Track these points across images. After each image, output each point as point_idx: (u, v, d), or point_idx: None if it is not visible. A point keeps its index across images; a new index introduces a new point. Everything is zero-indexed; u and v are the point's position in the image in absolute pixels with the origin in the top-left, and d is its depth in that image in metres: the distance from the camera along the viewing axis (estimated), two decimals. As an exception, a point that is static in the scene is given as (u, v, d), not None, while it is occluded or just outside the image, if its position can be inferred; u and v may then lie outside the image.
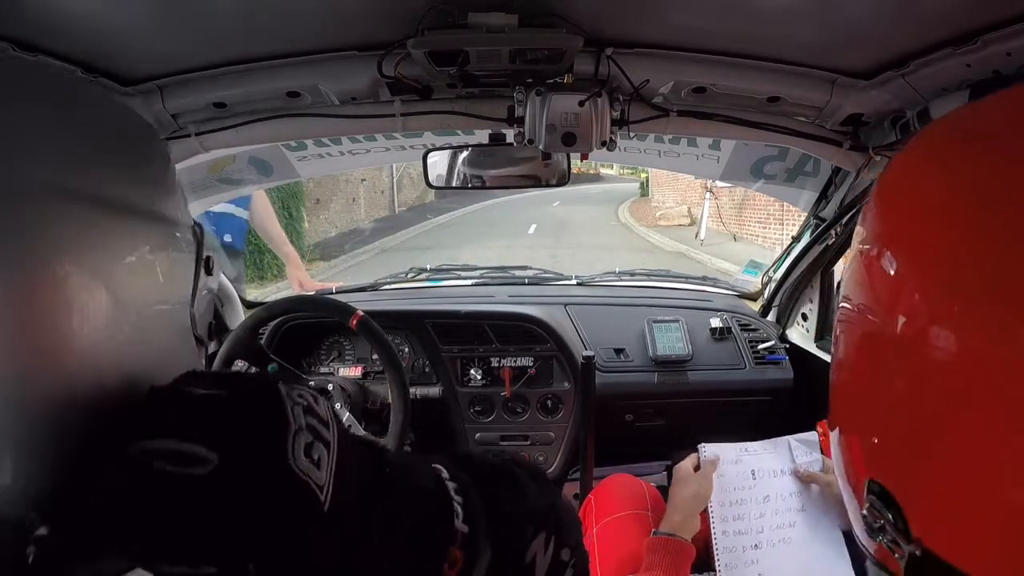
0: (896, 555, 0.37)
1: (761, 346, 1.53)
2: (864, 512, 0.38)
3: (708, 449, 1.01)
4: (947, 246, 0.35)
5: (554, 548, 0.40)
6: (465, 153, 1.19)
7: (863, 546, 0.43)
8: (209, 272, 0.45)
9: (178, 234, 0.41)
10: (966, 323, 0.33)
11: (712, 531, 0.93)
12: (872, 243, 0.41)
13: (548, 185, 1.18)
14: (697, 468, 1.00)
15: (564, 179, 1.16)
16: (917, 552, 0.35)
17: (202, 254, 0.44)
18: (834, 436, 0.48)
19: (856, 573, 0.86)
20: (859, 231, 0.44)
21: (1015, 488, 0.31)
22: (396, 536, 0.33)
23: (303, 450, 0.29)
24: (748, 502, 0.94)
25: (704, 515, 0.96)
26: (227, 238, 2.12)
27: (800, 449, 0.99)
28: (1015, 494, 0.31)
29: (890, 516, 0.36)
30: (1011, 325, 0.31)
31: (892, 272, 0.38)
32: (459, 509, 0.37)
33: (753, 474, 0.98)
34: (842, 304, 0.45)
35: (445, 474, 0.38)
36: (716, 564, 0.89)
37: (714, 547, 0.91)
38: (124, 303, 0.34)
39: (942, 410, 0.34)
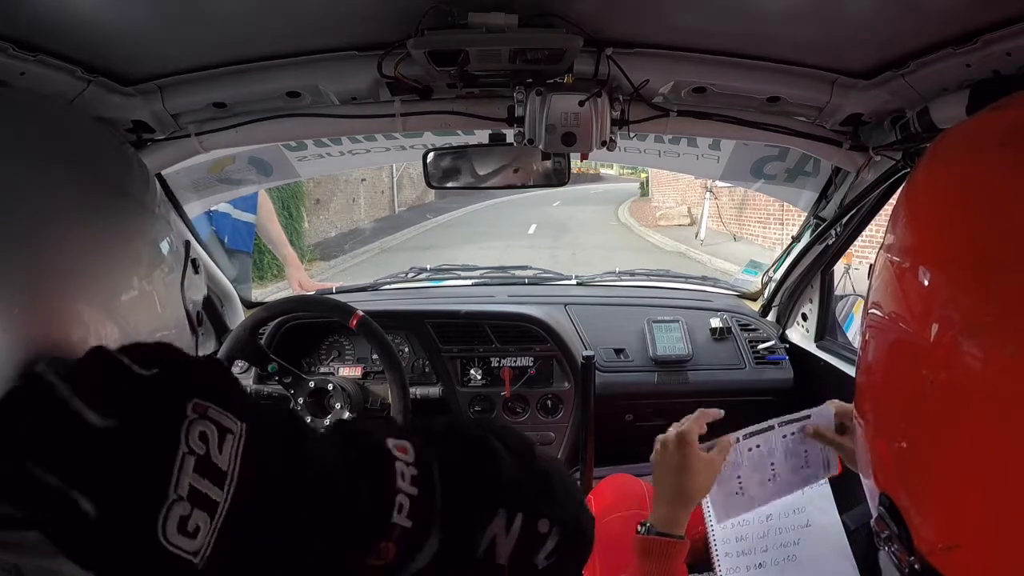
0: (899, 564, 0.37)
1: (761, 346, 1.52)
2: (872, 523, 0.39)
3: None
4: (982, 256, 0.35)
5: (523, 523, 0.37)
6: (465, 153, 1.19)
7: None
8: (196, 271, 0.47)
9: (168, 256, 0.42)
10: (998, 337, 0.33)
11: (714, 554, 0.92)
12: (905, 253, 0.41)
13: (548, 185, 1.18)
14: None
15: (564, 179, 1.16)
16: (917, 566, 0.36)
17: (189, 257, 0.46)
18: (859, 434, 0.48)
19: None
20: (889, 239, 0.44)
21: None
22: (303, 547, 0.31)
23: (176, 524, 0.27)
24: (751, 522, 0.93)
25: (703, 527, 0.96)
26: (225, 239, 2.12)
27: None
28: None
29: (896, 530, 0.37)
30: None
31: (926, 283, 0.38)
32: (404, 502, 0.34)
33: None
34: (871, 311, 0.45)
35: (407, 458, 0.35)
36: None
37: (716, 569, 0.90)
38: (129, 335, 0.35)
39: (965, 425, 0.34)
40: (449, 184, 1.21)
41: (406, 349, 1.54)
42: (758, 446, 0.85)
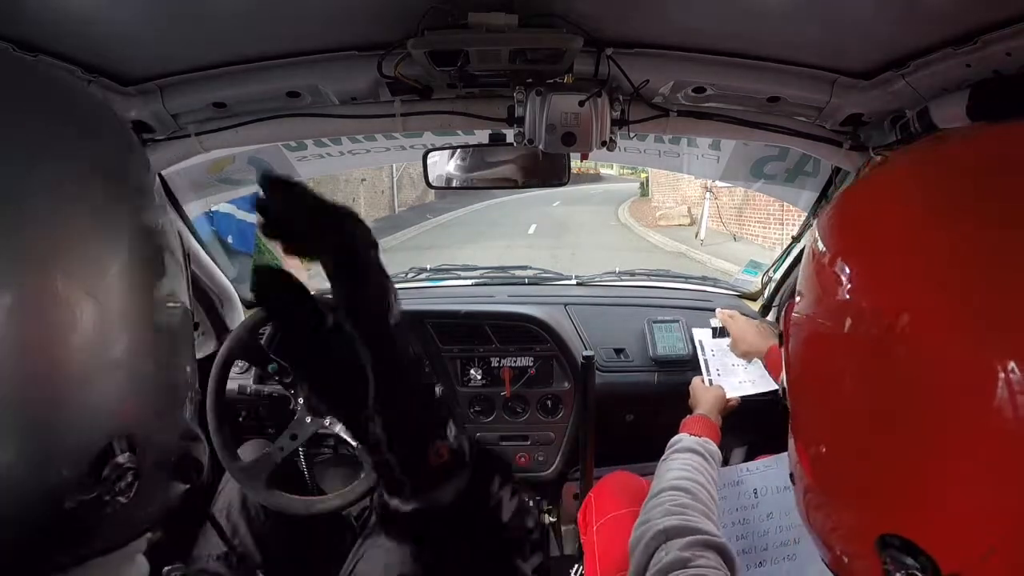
0: None
1: (761, 346, 1.52)
2: (887, 567, 0.37)
3: None
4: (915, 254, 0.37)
5: (519, 500, 0.44)
6: (465, 153, 1.19)
7: None
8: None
9: (156, 237, 0.41)
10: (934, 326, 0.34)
11: None
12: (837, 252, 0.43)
13: (548, 185, 1.18)
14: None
15: (564, 179, 1.16)
16: None
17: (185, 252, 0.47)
18: (801, 489, 0.47)
19: None
20: (816, 239, 0.45)
21: None
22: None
23: None
24: (751, 521, 0.94)
25: None
26: (229, 239, 2.12)
27: None
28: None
29: (918, 563, 0.35)
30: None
31: (846, 279, 0.40)
32: (452, 428, 0.41)
33: (755, 493, 0.97)
34: (803, 316, 0.45)
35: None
36: None
37: None
38: (112, 315, 0.35)
39: (945, 421, 0.34)
40: (449, 184, 1.21)
41: (406, 349, 1.53)
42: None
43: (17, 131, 0.32)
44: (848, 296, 0.40)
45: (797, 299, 0.47)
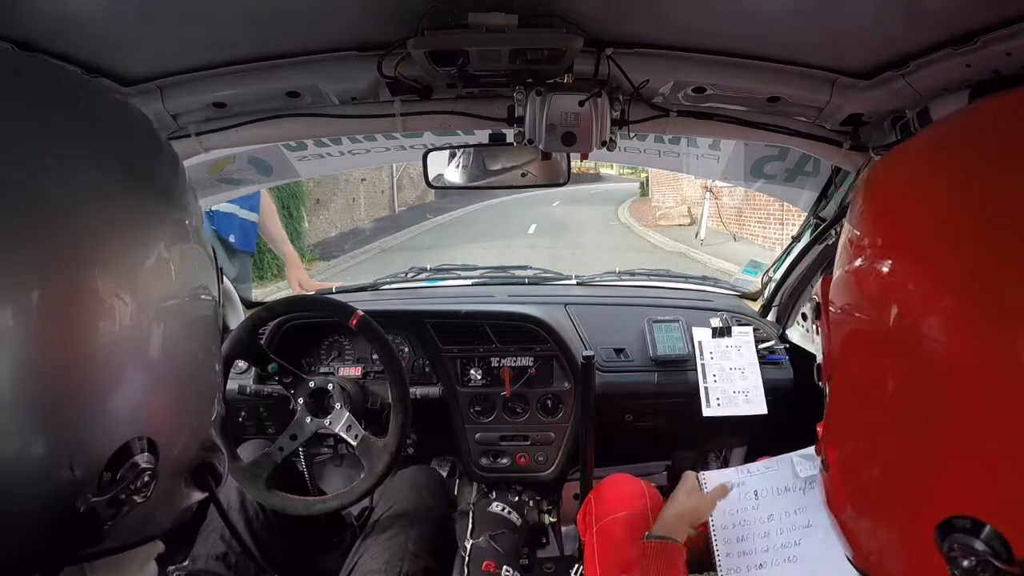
0: None
1: (761, 346, 1.52)
2: (952, 555, 0.35)
3: (709, 477, 1.00)
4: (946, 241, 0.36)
5: None
6: (465, 153, 1.19)
7: None
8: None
9: (188, 230, 0.42)
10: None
11: (715, 554, 0.92)
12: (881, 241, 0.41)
13: (548, 185, 1.18)
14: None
15: (564, 179, 1.16)
16: None
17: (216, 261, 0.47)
18: (832, 488, 0.46)
19: None
20: (851, 230, 0.44)
21: None
22: None
23: None
24: (752, 523, 0.94)
25: (704, 527, 0.96)
26: (231, 238, 2.13)
27: (803, 464, 0.97)
28: None
29: (990, 548, 0.34)
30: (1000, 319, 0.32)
31: (888, 270, 0.39)
32: None
33: (756, 494, 0.97)
34: (839, 309, 0.45)
35: None
36: None
37: (718, 569, 0.91)
38: (143, 304, 0.35)
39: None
40: (449, 184, 1.21)
41: (406, 349, 1.53)
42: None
43: (41, 129, 0.32)
44: (893, 287, 0.39)
45: (835, 273, 0.46)
